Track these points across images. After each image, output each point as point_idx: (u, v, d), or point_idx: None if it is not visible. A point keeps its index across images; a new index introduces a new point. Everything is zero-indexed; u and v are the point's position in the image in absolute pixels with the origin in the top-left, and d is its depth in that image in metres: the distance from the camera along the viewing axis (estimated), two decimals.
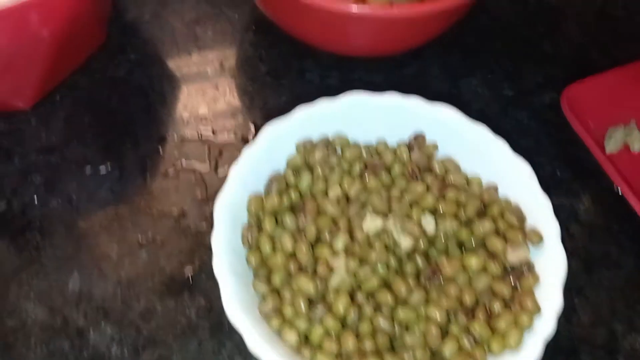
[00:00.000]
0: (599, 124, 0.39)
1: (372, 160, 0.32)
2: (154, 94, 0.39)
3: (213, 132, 0.38)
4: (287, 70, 0.41)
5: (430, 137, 0.33)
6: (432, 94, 0.40)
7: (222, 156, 0.37)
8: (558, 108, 0.40)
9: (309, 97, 0.38)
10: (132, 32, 0.42)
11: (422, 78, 0.41)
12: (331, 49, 0.39)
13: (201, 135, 0.38)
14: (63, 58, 0.36)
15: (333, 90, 0.39)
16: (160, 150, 0.37)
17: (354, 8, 0.32)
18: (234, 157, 0.36)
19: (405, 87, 0.40)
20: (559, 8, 0.45)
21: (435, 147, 0.33)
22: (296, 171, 0.31)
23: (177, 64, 0.40)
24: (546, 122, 0.40)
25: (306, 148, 0.32)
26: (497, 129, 0.33)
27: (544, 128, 0.40)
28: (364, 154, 0.32)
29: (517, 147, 0.33)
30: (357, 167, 0.32)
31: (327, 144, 0.32)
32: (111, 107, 0.38)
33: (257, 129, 0.38)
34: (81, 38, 0.36)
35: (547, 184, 0.32)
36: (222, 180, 0.36)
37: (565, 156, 0.38)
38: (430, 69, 0.42)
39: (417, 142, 0.33)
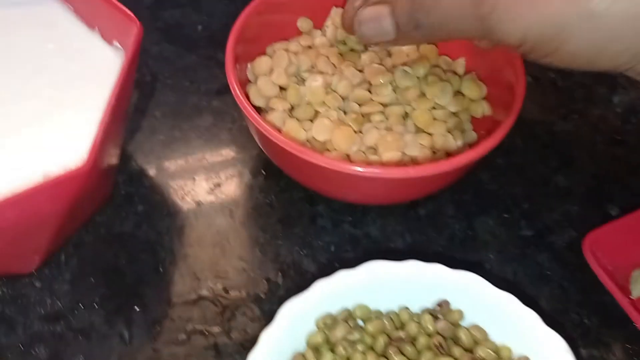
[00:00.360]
0: (623, 268, 0.37)
1: (396, 333, 0.30)
2: (162, 250, 0.38)
3: (225, 290, 0.36)
4: (298, 217, 0.40)
5: (454, 305, 0.32)
6: (447, 237, 0.39)
7: (235, 317, 0.35)
8: (578, 248, 0.39)
9: (322, 247, 0.37)
10: (139, 181, 0.41)
11: (436, 219, 0.40)
12: (342, 199, 0.38)
13: (212, 294, 0.36)
14: (69, 223, 0.35)
15: (346, 239, 0.38)
16: (170, 313, 0.35)
17: (362, 169, 0.31)
18: (246, 317, 0.35)
19: (420, 230, 0.39)
20: (570, 140, 0.45)
21: (461, 314, 0.31)
22: (317, 350, 0.30)
23: (185, 215, 0.39)
24: (567, 264, 0.39)
25: (327, 324, 0.30)
26: (519, 275, 0.34)
27: (566, 272, 0.38)
28: (387, 326, 0.31)
29: (541, 294, 0.32)
30: (380, 342, 0.30)
31: (348, 318, 0.31)
32: (118, 266, 0.37)
33: (270, 285, 0.37)
34: (89, 201, 0.35)
35: (575, 334, 0.30)
36: (236, 344, 0.34)
37: (591, 302, 0.37)
38: (445, 209, 0.41)
39: (442, 309, 0.31)
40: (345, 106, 0.38)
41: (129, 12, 0.34)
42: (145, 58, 0.47)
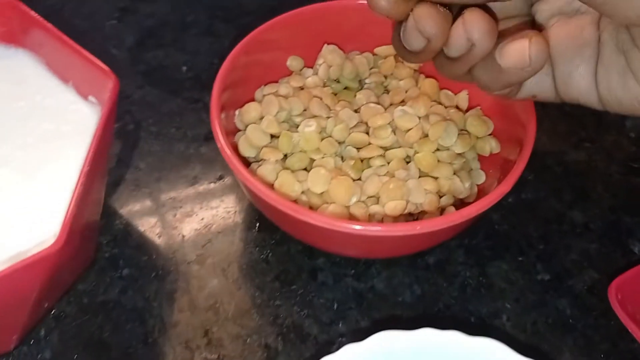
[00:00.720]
0: None
1: None
2: (151, 318, 0.35)
3: None
4: (297, 272, 0.37)
5: None
6: (459, 286, 0.36)
7: None
8: (600, 291, 0.36)
9: (324, 305, 0.34)
10: (124, 241, 0.38)
11: (446, 267, 0.37)
12: (343, 255, 0.36)
13: None
14: (48, 296, 0.32)
15: (349, 294, 0.36)
16: None
17: (362, 227, 0.29)
18: None
19: (430, 280, 0.36)
20: (583, 171, 0.42)
21: None
22: None
23: (174, 277, 0.36)
24: (591, 310, 0.36)
25: None
26: (539, 324, 0.32)
27: (590, 318, 0.35)
28: None
29: (564, 345, 0.29)
30: None
31: None
32: (103, 338, 0.34)
33: (269, 352, 0.34)
34: (68, 271, 0.32)
35: None
36: None
37: (618, 353, 0.34)
38: (455, 255, 0.38)
39: None
40: (343, 151, 0.36)
41: (104, 66, 0.32)
42: (127, 105, 0.45)
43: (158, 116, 0.44)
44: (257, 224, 0.39)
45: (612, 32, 0.23)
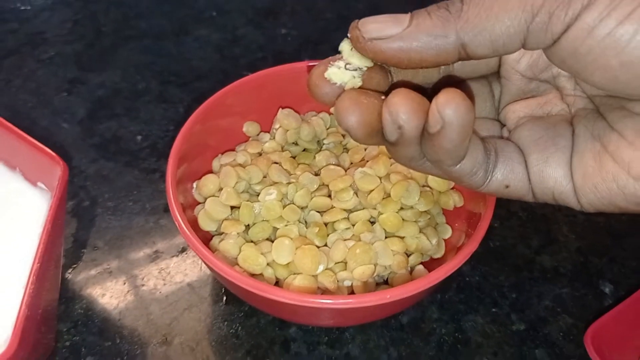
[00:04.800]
0: (629, 353, 0.34)
1: None
2: None
3: None
4: (269, 345, 0.35)
5: None
6: (436, 345, 0.35)
7: None
8: (576, 335, 0.36)
9: None
10: (85, 326, 0.36)
11: (421, 325, 0.37)
12: (314, 325, 0.35)
13: None
14: None
15: None
16: None
17: (331, 301, 0.28)
18: None
19: (405, 341, 0.36)
20: (548, 214, 0.42)
21: None
22: None
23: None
24: (568, 357, 0.35)
25: None
26: None
27: None
28: None
29: None
30: None
31: None
32: None
33: None
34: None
35: None
36: None
37: None
38: (428, 312, 0.37)
39: None
40: (306, 216, 0.35)
41: (51, 152, 0.31)
42: (81, 181, 0.43)
43: (114, 190, 0.43)
44: (224, 297, 0.37)
45: (587, 124, 0.23)
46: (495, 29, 0.20)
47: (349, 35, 0.22)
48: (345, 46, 0.23)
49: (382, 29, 0.21)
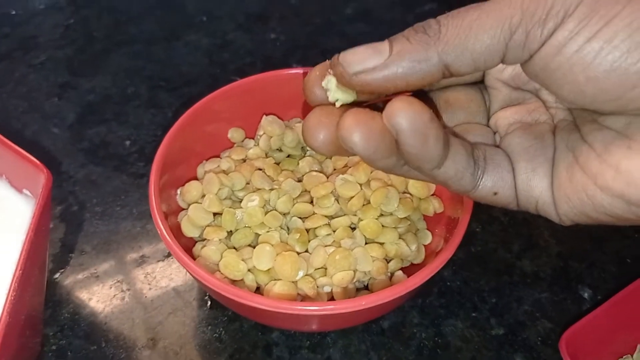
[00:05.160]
0: (604, 357, 0.35)
1: None
2: None
3: None
4: (252, 349, 0.36)
5: None
6: (416, 349, 0.36)
7: None
8: (554, 341, 0.37)
9: None
10: (71, 330, 0.37)
11: (401, 330, 0.37)
12: (296, 330, 0.35)
13: None
14: None
15: None
16: None
17: (311, 308, 0.28)
18: None
19: (386, 346, 0.36)
20: (529, 219, 0.43)
21: None
22: None
23: None
24: None
25: None
26: None
27: None
28: None
29: None
30: None
31: None
32: None
33: None
34: None
35: None
36: None
37: None
38: (409, 317, 0.38)
39: None
40: (288, 222, 0.36)
41: (35, 160, 0.31)
42: (70, 185, 0.44)
43: (102, 195, 0.44)
44: (209, 302, 0.38)
45: (563, 136, 0.23)
46: (476, 48, 0.20)
47: (331, 72, 0.22)
48: (330, 84, 0.23)
49: (364, 61, 0.21)
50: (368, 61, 0.21)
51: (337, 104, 0.23)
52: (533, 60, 0.21)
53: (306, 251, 0.34)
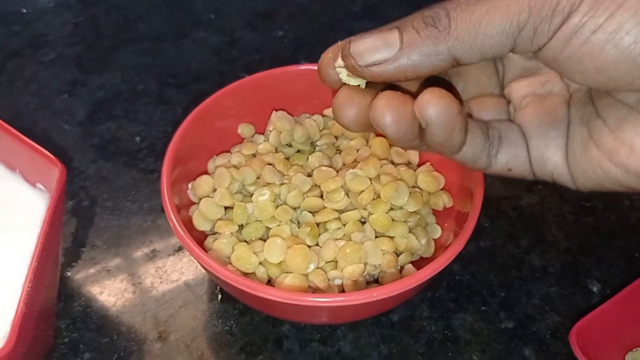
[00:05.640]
0: (614, 351, 0.35)
1: None
2: None
3: None
4: (262, 342, 0.36)
5: None
6: (426, 342, 0.36)
7: None
8: (563, 334, 0.37)
9: None
10: (84, 323, 0.37)
11: (411, 323, 0.37)
12: (306, 323, 0.35)
13: None
14: None
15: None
16: None
17: (322, 299, 0.29)
18: None
19: (396, 339, 0.36)
20: (538, 214, 0.43)
21: None
22: None
23: (136, 358, 0.36)
24: (555, 354, 0.36)
25: None
26: None
27: None
28: None
29: None
30: None
31: None
32: None
33: None
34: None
35: None
36: None
37: None
38: (419, 310, 0.38)
39: None
40: (298, 216, 0.36)
41: (49, 154, 0.32)
42: (81, 181, 0.44)
43: (113, 190, 0.44)
44: (219, 295, 0.38)
45: (578, 108, 0.24)
46: (485, 44, 0.21)
47: (342, 62, 0.23)
48: (342, 74, 0.23)
49: (374, 53, 0.22)
50: (378, 53, 0.22)
51: (346, 79, 0.24)
52: (542, 52, 0.21)
53: (317, 245, 0.35)
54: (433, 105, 0.21)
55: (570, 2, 0.20)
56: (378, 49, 0.22)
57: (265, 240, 0.34)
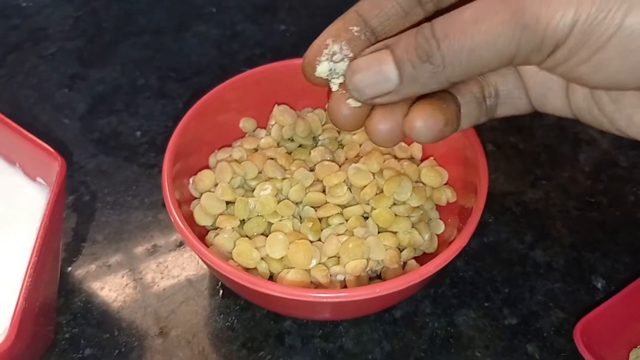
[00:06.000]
0: (619, 348, 0.35)
1: None
2: None
3: None
4: (264, 338, 0.36)
5: None
6: (428, 338, 0.36)
7: None
8: (567, 331, 0.37)
9: None
10: (84, 319, 0.37)
11: (414, 319, 0.37)
12: (309, 319, 0.35)
13: None
14: None
15: (318, 356, 0.35)
16: None
17: (324, 295, 0.28)
18: None
19: (398, 335, 0.36)
20: (542, 209, 0.42)
21: None
22: None
23: (138, 354, 0.35)
24: (559, 351, 0.36)
25: None
26: None
27: None
28: None
29: None
30: None
31: None
32: None
33: None
34: (26, 358, 0.31)
35: None
36: None
37: None
38: (422, 306, 0.38)
39: None
40: (300, 211, 0.36)
41: (50, 148, 0.31)
42: (81, 176, 0.44)
43: (113, 185, 0.44)
44: (221, 291, 0.38)
45: None
46: (479, 71, 0.22)
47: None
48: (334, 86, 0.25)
49: (374, 89, 0.23)
50: (378, 87, 0.23)
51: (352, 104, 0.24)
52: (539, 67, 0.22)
53: (319, 240, 0.34)
54: (420, 123, 0.23)
55: (556, 39, 0.20)
56: (379, 83, 0.22)
57: (267, 236, 0.34)
